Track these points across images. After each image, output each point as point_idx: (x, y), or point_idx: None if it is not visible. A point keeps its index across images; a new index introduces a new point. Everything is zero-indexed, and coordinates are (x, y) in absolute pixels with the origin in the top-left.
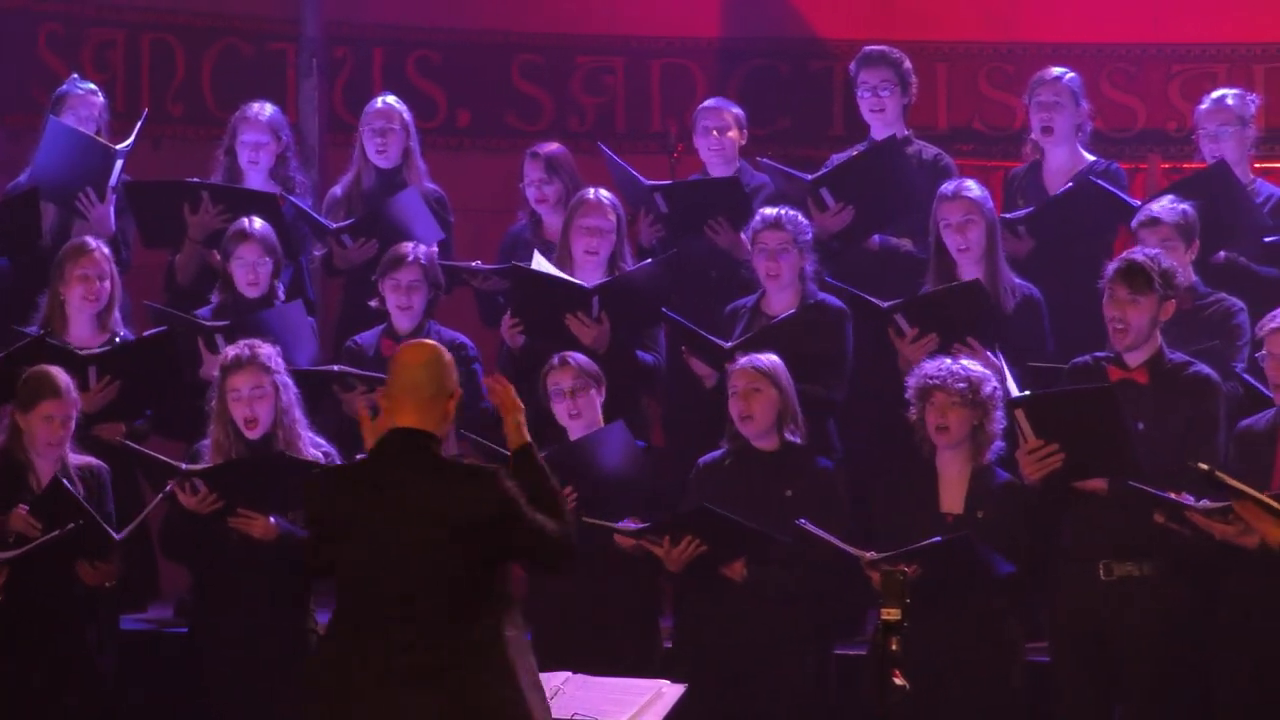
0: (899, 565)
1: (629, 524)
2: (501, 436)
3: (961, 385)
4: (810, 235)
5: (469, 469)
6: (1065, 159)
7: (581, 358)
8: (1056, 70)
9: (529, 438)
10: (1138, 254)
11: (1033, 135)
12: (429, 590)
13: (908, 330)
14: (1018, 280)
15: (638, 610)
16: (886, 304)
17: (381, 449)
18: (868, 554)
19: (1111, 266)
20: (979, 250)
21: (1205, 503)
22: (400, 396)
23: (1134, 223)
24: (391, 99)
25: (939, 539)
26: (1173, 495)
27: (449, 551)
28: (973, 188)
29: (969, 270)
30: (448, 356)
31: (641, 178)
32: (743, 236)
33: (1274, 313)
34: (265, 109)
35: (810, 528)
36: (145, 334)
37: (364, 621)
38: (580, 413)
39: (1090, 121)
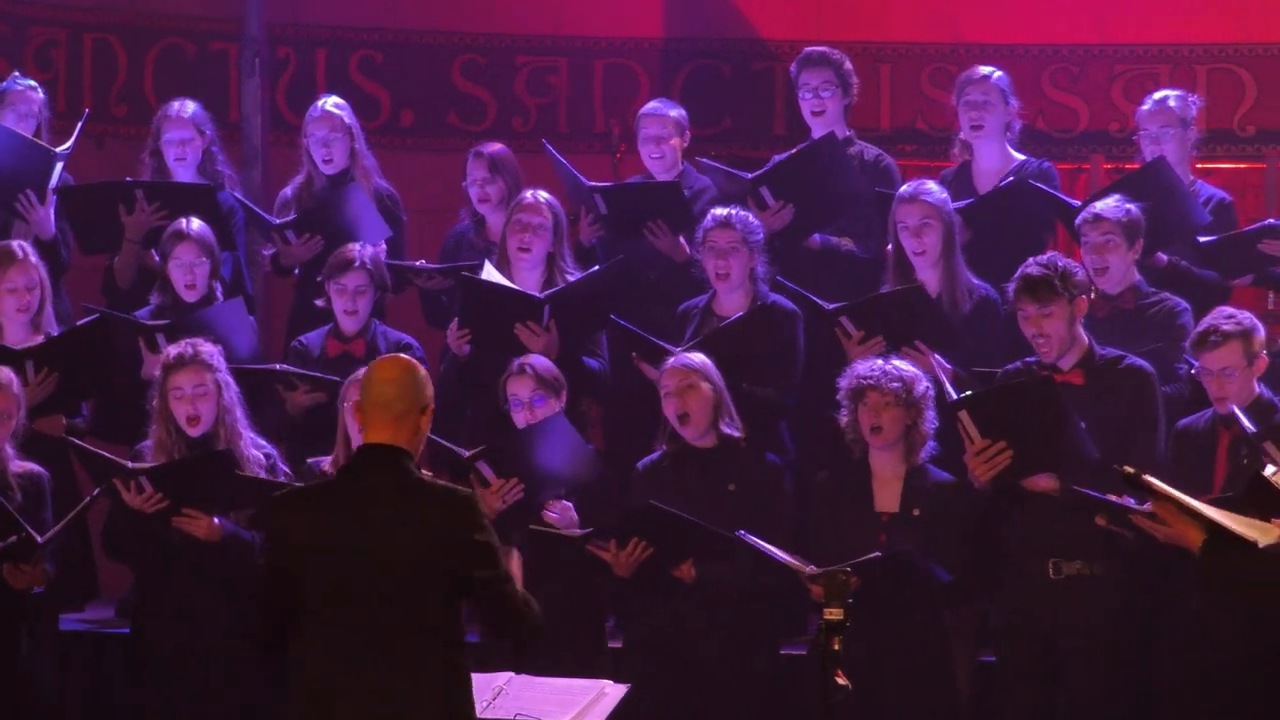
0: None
1: (558, 512)
2: (459, 437)
3: (895, 385)
4: (761, 236)
5: (444, 490)
6: (995, 158)
7: (542, 364)
8: (984, 69)
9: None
10: (1032, 266)
11: (962, 135)
12: (398, 614)
13: (853, 332)
14: (976, 282)
15: (583, 611)
16: (831, 306)
17: (352, 467)
18: (808, 568)
19: (1012, 286)
20: (935, 253)
21: (1149, 506)
22: (372, 412)
23: (1078, 219)
24: (331, 105)
25: (878, 554)
26: (1115, 498)
27: (414, 570)
28: (932, 190)
29: (926, 273)
30: (422, 371)
31: (583, 178)
32: (681, 240)
33: (1200, 330)
34: (187, 106)
35: (749, 539)
36: (79, 323)
37: (335, 645)
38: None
39: (1019, 120)
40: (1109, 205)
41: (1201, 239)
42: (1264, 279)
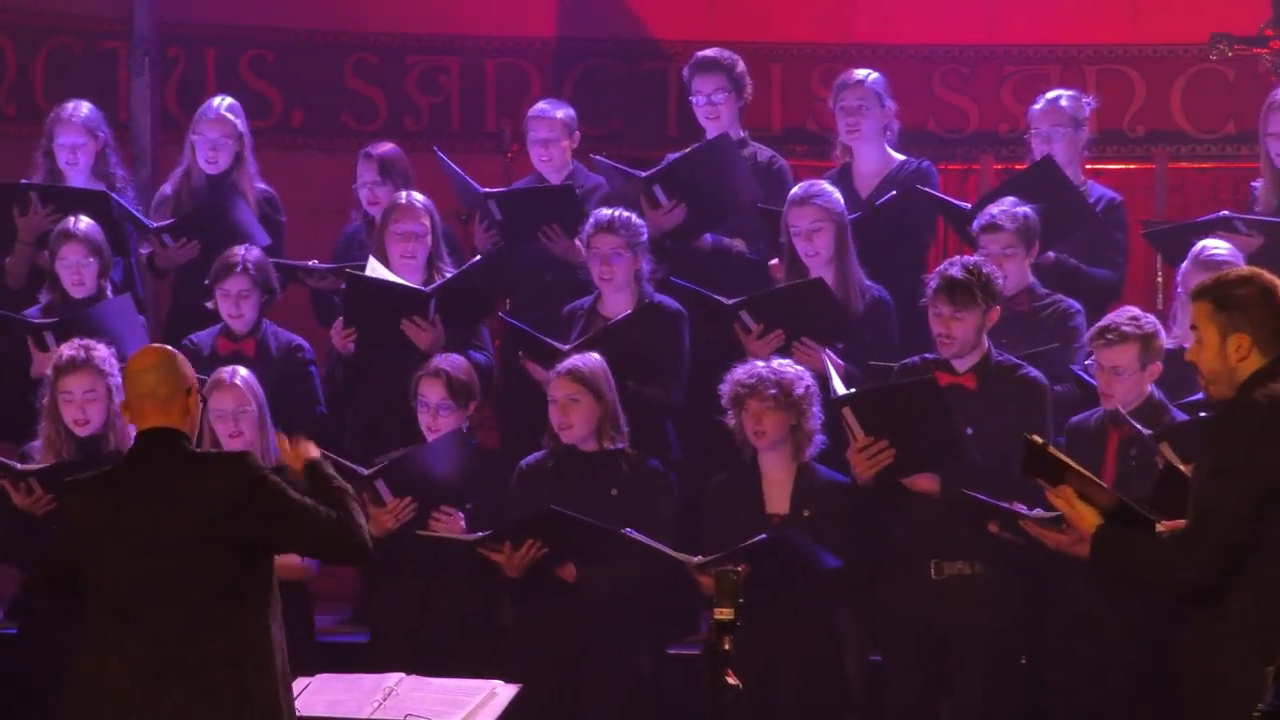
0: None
1: (447, 523)
2: (344, 436)
3: (773, 391)
4: (645, 236)
5: (218, 455)
6: (875, 160)
7: (457, 372)
8: (860, 73)
9: (315, 454)
10: (956, 269)
11: (840, 138)
12: (186, 585)
13: (753, 327)
14: (868, 282)
15: (474, 612)
16: (732, 301)
17: (133, 452)
18: (693, 559)
19: (932, 282)
20: (826, 255)
21: (1039, 512)
22: (138, 403)
23: (974, 225)
24: (225, 108)
25: (762, 536)
26: (1005, 504)
27: (205, 542)
28: (824, 191)
29: (818, 274)
30: (178, 355)
31: (475, 184)
32: (578, 243)
33: (1102, 324)
34: (81, 108)
35: (635, 535)
36: None
37: (122, 620)
38: (439, 430)
39: (897, 121)
40: (1005, 212)
41: (1147, 229)
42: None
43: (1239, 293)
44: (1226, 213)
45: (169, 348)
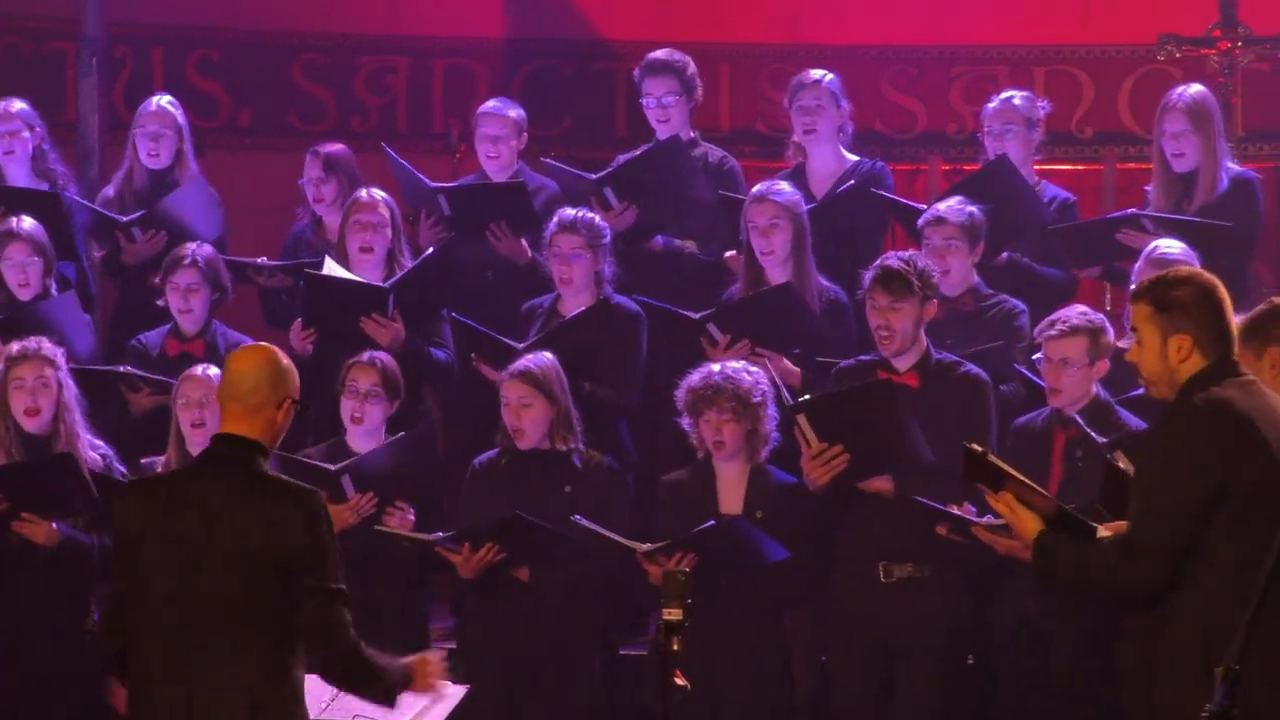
0: (679, 566)
1: (397, 518)
2: (303, 436)
3: (731, 403)
4: (608, 239)
5: (288, 489)
6: (829, 161)
7: (389, 363)
8: (816, 73)
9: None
10: (893, 259)
11: (795, 138)
12: (231, 611)
13: (720, 339)
14: (826, 284)
15: (405, 613)
16: (699, 315)
17: (202, 457)
18: (642, 546)
19: (869, 274)
20: (783, 253)
21: (989, 518)
22: (225, 403)
23: (920, 221)
24: (165, 101)
25: (711, 523)
26: (955, 509)
27: (252, 567)
28: (783, 190)
29: (774, 272)
30: (283, 362)
31: (425, 179)
32: (523, 242)
33: (1051, 317)
34: (14, 103)
35: (584, 522)
36: None
37: (161, 642)
38: (364, 418)
39: (851, 123)
40: (950, 207)
41: (1054, 227)
42: (1112, 273)
43: (1179, 294)
44: (1135, 210)
45: (275, 351)
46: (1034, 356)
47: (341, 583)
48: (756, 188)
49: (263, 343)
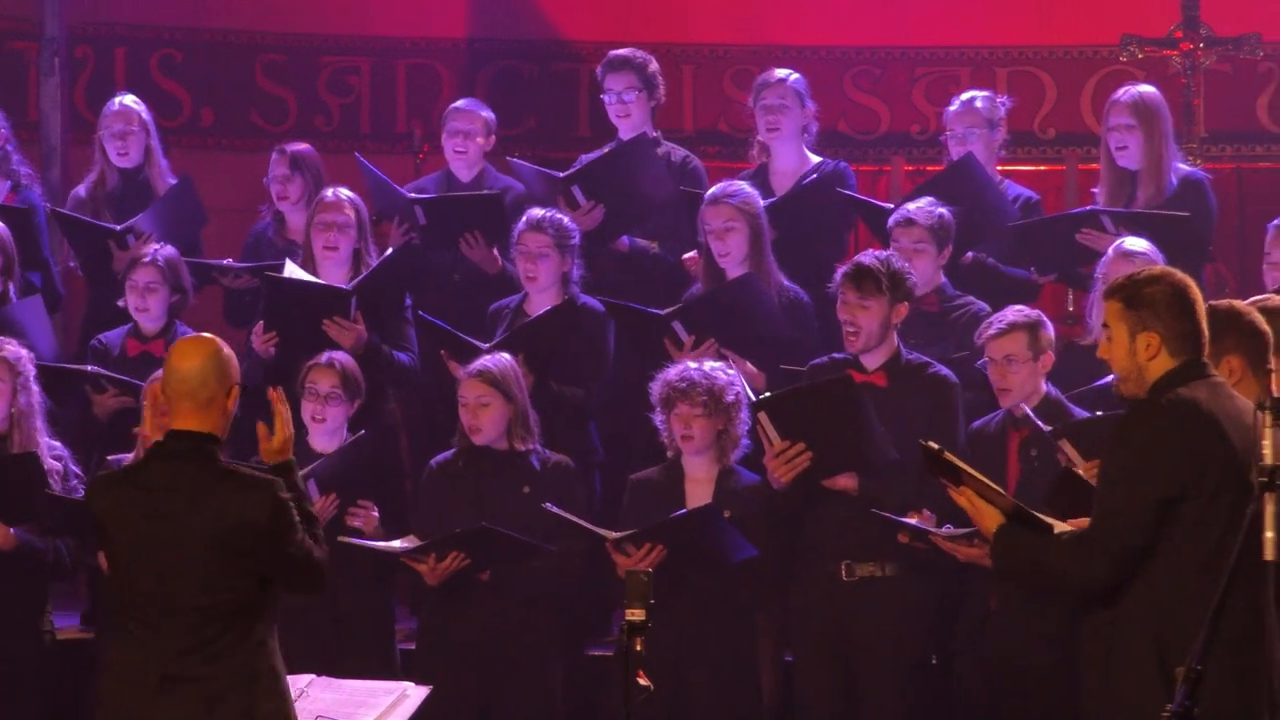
0: (648, 556)
1: (361, 518)
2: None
3: (704, 397)
4: (577, 239)
5: (248, 478)
6: (792, 160)
7: (349, 364)
8: (781, 72)
9: (291, 455)
10: (866, 257)
11: (759, 137)
12: (200, 599)
13: (685, 339)
14: (786, 283)
15: (370, 613)
16: (663, 312)
17: (159, 453)
18: (611, 534)
19: (841, 270)
20: (739, 255)
21: (948, 528)
22: (175, 401)
23: (890, 221)
24: (129, 99)
25: (683, 511)
26: (915, 520)
27: (222, 558)
28: (739, 191)
29: (733, 275)
30: (225, 351)
31: (400, 189)
32: (495, 251)
33: (991, 319)
34: None
35: (555, 510)
36: None
37: (139, 629)
38: (325, 419)
39: (815, 122)
40: (920, 208)
41: (1015, 223)
42: (1072, 278)
43: (1149, 291)
44: (1095, 207)
45: (216, 341)
46: (978, 362)
47: (306, 538)
48: (711, 190)
49: (203, 334)
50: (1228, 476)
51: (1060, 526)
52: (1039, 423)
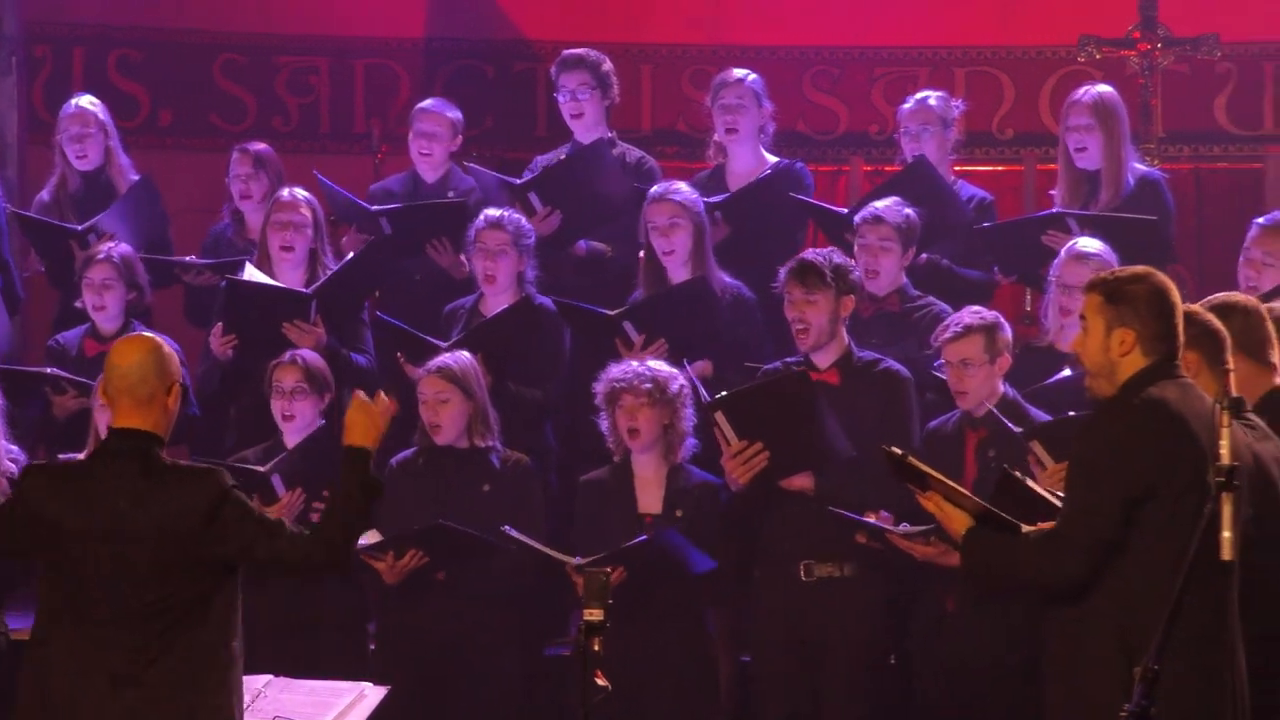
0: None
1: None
2: (224, 436)
3: (648, 386)
4: (533, 240)
5: (188, 471)
6: (749, 160)
7: (313, 359)
8: (739, 72)
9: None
10: (809, 253)
11: (716, 137)
12: (148, 597)
13: (635, 339)
14: (729, 280)
15: (344, 613)
16: (613, 312)
17: (100, 453)
18: (573, 559)
19: (784, 269)
20: (684, 253)
21: (905, 526)
22: (115, 398)
23: (856, 218)
24: (85, 100)
25: (643, 538)
26: (872, 519)
27: (167, 556)
28: (681, 189)
29: (677, 273)
30: (165, 349)
31: (364, 203)
32: (461, 258)
33: (948, 322)
34: None
35: (514, 534)
36: None
37: (88, 628)
38: (295, 415)
39: (773, 123)
40: (889, 208)
41: (982, 225)
42: (1032, 279)
43: (1131, 288)
44: (1060, 209)
45: (155, 339)
46: (935, 363)
47: (267, 518)
48: (654, 188)
49: (142, 332)
50: (1197, 476)
51: (1026, 527)
52: (1009, 424)
